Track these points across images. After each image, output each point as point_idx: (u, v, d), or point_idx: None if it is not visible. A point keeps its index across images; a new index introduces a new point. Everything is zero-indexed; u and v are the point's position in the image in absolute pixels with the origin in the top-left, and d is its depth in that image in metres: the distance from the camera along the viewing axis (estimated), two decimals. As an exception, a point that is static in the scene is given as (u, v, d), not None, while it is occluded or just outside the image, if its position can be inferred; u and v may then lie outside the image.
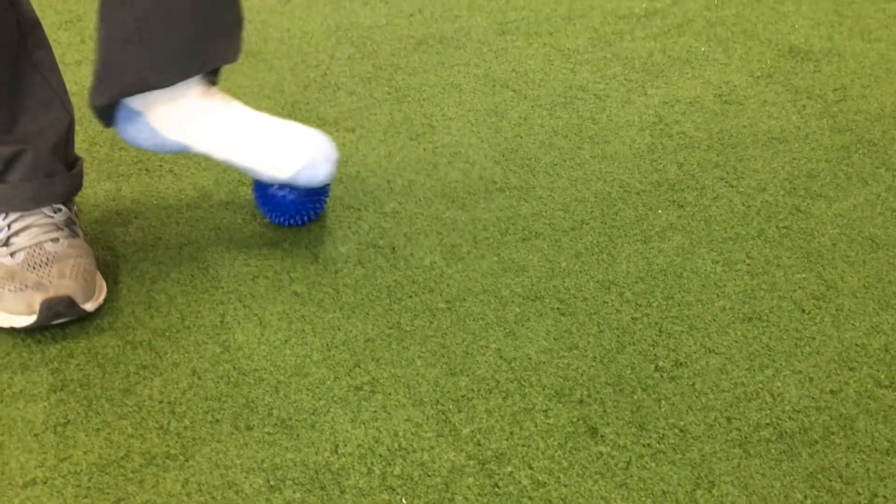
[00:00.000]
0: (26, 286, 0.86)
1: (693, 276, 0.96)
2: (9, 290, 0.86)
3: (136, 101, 0.93)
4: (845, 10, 1.49)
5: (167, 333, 0.88)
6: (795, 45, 1.39)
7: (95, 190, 1.07)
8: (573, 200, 1.07)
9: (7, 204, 0.89)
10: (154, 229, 1.01)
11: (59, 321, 0.87)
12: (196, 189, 1.08)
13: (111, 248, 0.99)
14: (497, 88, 1.28)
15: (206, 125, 0.93)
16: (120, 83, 0.90)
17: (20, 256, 0.88)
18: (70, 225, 0.93)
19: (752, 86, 1.29)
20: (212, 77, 0.96)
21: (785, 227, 1.03)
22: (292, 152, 0.94)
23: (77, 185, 0.94)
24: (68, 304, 0.85)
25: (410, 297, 0.93)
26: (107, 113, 0.94)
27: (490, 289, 0.94)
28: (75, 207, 0.96)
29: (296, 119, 1.20)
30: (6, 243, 0.89)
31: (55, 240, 0.90)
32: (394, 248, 0.99)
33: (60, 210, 0.92)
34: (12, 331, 0.87)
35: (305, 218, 1.01)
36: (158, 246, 0.99)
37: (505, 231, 1.02)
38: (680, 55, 1.36)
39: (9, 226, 0.90)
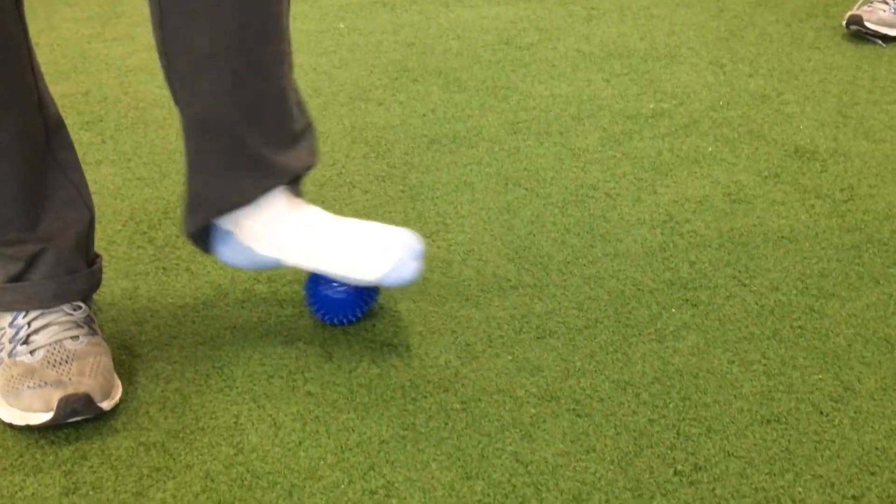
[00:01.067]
0: (45, 383, 0.86)
1: (709, 376, 0.95)
2: (27, 386, 0.86)
3: (225, 222, 0.96)
4: (849, 111, 1.52)
5: (181, 435, 0.88)
6: (801, 146, 1.41)
7: (112, 289, 1.08)
8: (587, 299, 1.07)
9: (28, 302, 0.90)
10: (170, 328, 1.02)
11: (75, 419, 0.86)
12: (212, 287, 1.08)
13: (127, 347, 0.99)
14: (509, 187, 1.30)
15: (293, 236, 0.95)
16: (205, 207, 0.94)
17: (40, 354, 0.89)
18: (89, 323, 0.93)
19: (760, 185, 1.31)
20: (295, 187, 0.98)
21: (799, 327, 1.03)
22: (379, 254, 0.94)
23: (97, 282, 0.96)
24: (86, 401, 0.85)
25: (425, 397, 0.93)
26: (202, 239, 0.98)
27: (505, 389, 0.94)
28: (94, 305, 0.97)
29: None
30: (26, 341, 0.90)
31: (75, 337, 0.90)
32: (408, 347, 0.99)
33: (80, 308, 0.93)
34: (27, 429, 0.87)
35: (358, 315, 1.02)
36: (174, 345, 0.99)
37: (519, 329, 1.02)
38: (688, 155, 1.39)
39: (28, 324, 0.90)
